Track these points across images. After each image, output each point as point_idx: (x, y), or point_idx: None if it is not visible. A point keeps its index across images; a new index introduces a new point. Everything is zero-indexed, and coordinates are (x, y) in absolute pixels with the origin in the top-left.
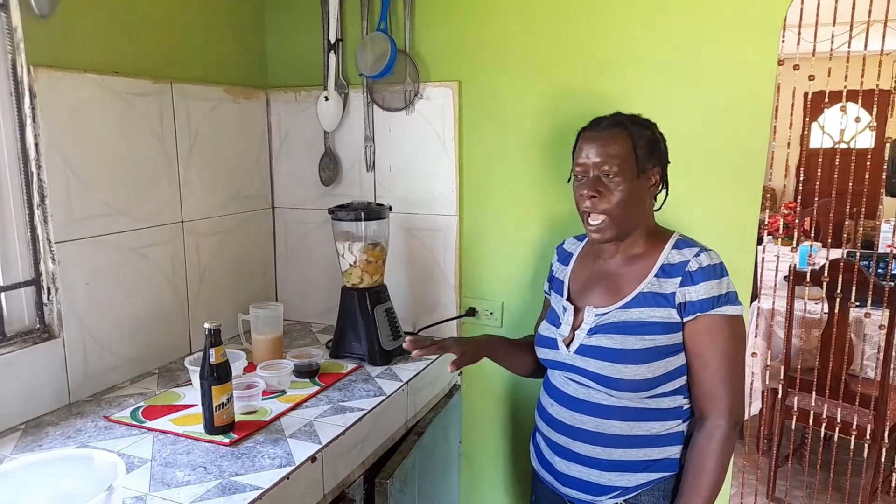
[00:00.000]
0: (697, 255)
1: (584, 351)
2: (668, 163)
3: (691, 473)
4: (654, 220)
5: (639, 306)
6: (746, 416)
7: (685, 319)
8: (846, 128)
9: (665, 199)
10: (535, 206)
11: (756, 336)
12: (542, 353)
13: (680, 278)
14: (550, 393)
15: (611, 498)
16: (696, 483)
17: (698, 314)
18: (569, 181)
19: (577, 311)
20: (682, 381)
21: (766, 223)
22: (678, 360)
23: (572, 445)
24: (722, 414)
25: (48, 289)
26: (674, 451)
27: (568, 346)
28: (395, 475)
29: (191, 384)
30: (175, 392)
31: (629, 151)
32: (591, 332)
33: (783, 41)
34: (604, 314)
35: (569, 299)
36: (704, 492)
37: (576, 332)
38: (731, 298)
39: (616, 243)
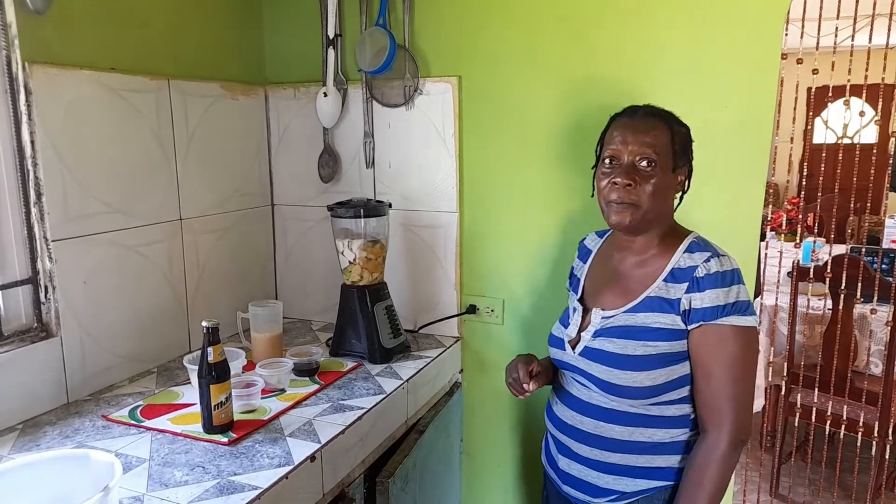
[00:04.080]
0: (707, 260)
1: (587, 353)
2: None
3: (687, 489)
4: (673, 220)
5: (645, 311)
6: None
7: (689, 327)
8: (850, 122)
9: (681, 200)
10: (537, 202)
11: (759, 332)
12: (552, 353)
13: (687, 284)
14: (556, 391)
15: (607, 501)
16: (692, 499)
17: (702, 323)
18: (593, 167)
19: (587, 312)
20: (688, 389)
21: (769, 219)
22: (682, 368)
23: (572, 445)
24: (723, 430)
25: (45, 287)
26: (678, 461)
27: (574, 347)
28: (396, 474)
29: (190, 383)
30: (174, 391)
31: (668, 144)
32: (596, 334)
33: (786, 35)
34: (610, 317)
35: (582, 299)
36: None
37: (581, 334)
38: (740, 308)
39: (632, 238)
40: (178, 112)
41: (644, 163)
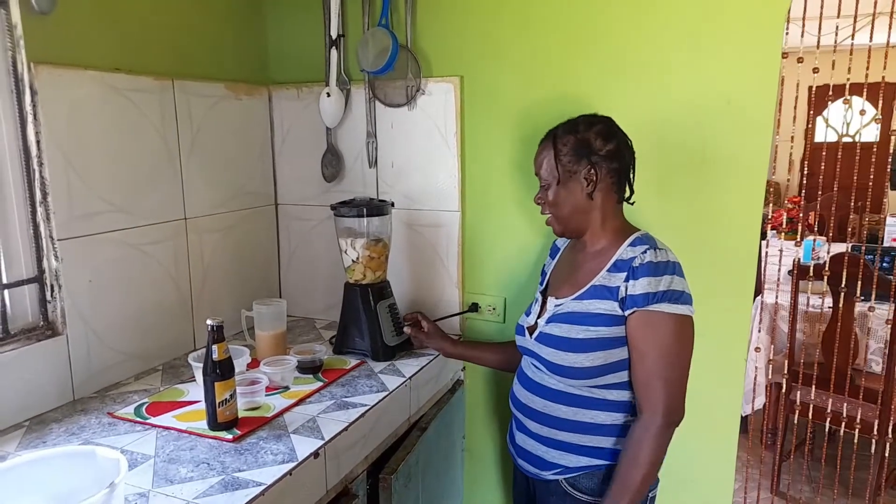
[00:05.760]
0: (644, 251)
1: (540, 338)
2: (621, 159)
3: (623, 465)
4: (618, 218)
5: (590, 298)
6: (750, 411)
7: (626, 313)
8: (851, 121)
9: (631, 195)
10: None
11: (760, 331)
12: (517, 340)
13: (626, 273)
14: (518, 374)
15: (553, 474)
16: (627, 475)
17: (636, 309)
18: None
19: (546, 301)
20: (628, 374)
21: (769, 218)
22: (621, 352)
23: (526, 422)
24: (656, 409)
25: (51, 286)
26: (616, 442)
27: (531, 333)
28: (399, 471)
29: (195, 380)
30: (179, 388)
31: (552, 161)
32: (548, 320)
33: (787, 34)
34: (560, 304)
35: (545, 290)
36: (634, 485)
37: (538, 321)
38: (670, 297)
39: (580, 238)
40: (182, 112)
41: (542, 183)
